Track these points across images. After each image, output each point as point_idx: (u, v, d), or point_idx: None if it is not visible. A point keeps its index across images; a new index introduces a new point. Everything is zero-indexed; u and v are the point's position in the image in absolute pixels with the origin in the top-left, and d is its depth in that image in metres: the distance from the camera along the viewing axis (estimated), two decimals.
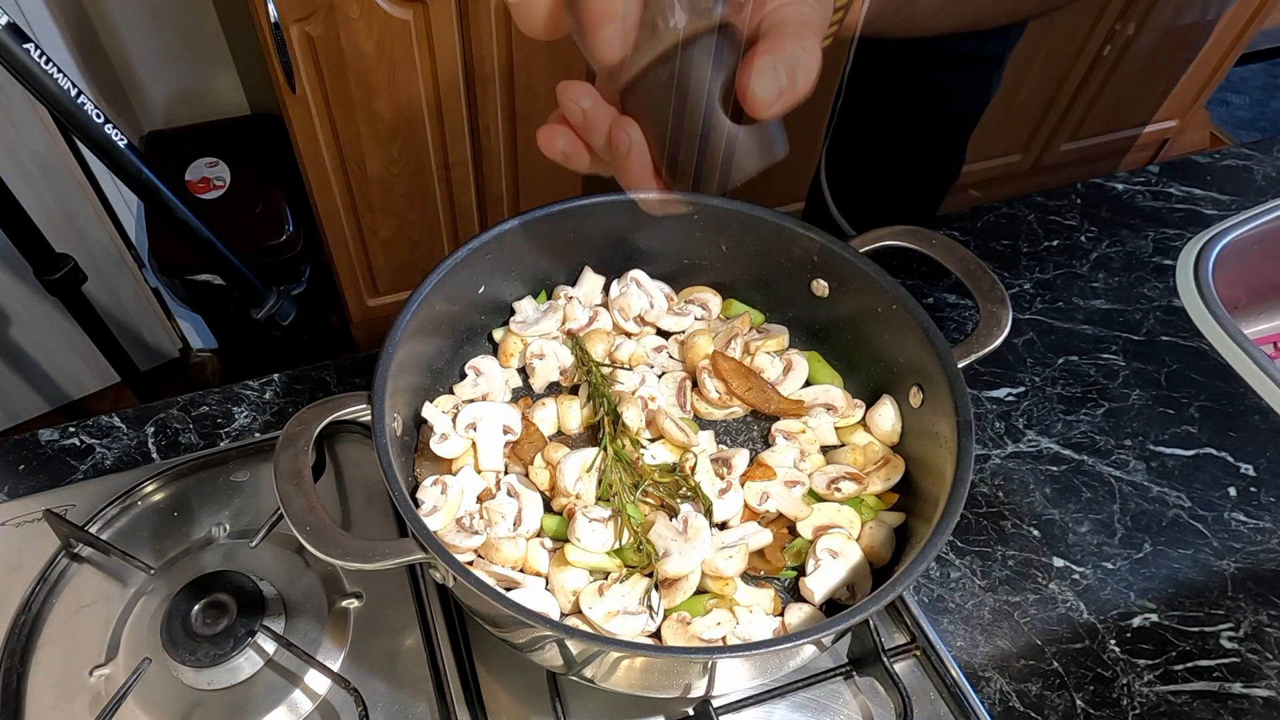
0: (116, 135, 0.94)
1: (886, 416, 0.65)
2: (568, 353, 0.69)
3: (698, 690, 0.56)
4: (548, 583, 0.58)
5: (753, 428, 0.68)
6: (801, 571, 0.59)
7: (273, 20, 1.37)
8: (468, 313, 0.69)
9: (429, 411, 0.63)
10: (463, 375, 0.68)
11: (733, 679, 0.57)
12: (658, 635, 0.56)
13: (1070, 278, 0.96)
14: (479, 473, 0.63)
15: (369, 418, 0.54)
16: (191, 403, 0.80)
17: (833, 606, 0.58)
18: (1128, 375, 0.87)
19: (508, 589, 0.55)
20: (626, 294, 0.72)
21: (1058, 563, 0.73)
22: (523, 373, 0.70)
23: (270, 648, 0.63)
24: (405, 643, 0.65)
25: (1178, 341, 0.90)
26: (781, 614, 0.58)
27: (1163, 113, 2.35)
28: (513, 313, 0.71)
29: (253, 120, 1.87)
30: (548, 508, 0.62)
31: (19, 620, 0.64)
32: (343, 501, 0.73)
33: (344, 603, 0.66)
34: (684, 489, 0.60)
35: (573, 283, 0.73)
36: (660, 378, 0.69)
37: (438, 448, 0.62)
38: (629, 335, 0.71)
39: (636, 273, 0.72)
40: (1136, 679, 0.67)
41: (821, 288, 0.68)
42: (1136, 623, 0.70)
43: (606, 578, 0.57)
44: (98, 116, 0.92)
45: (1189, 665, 0.68)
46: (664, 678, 0.54)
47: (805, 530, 0.60)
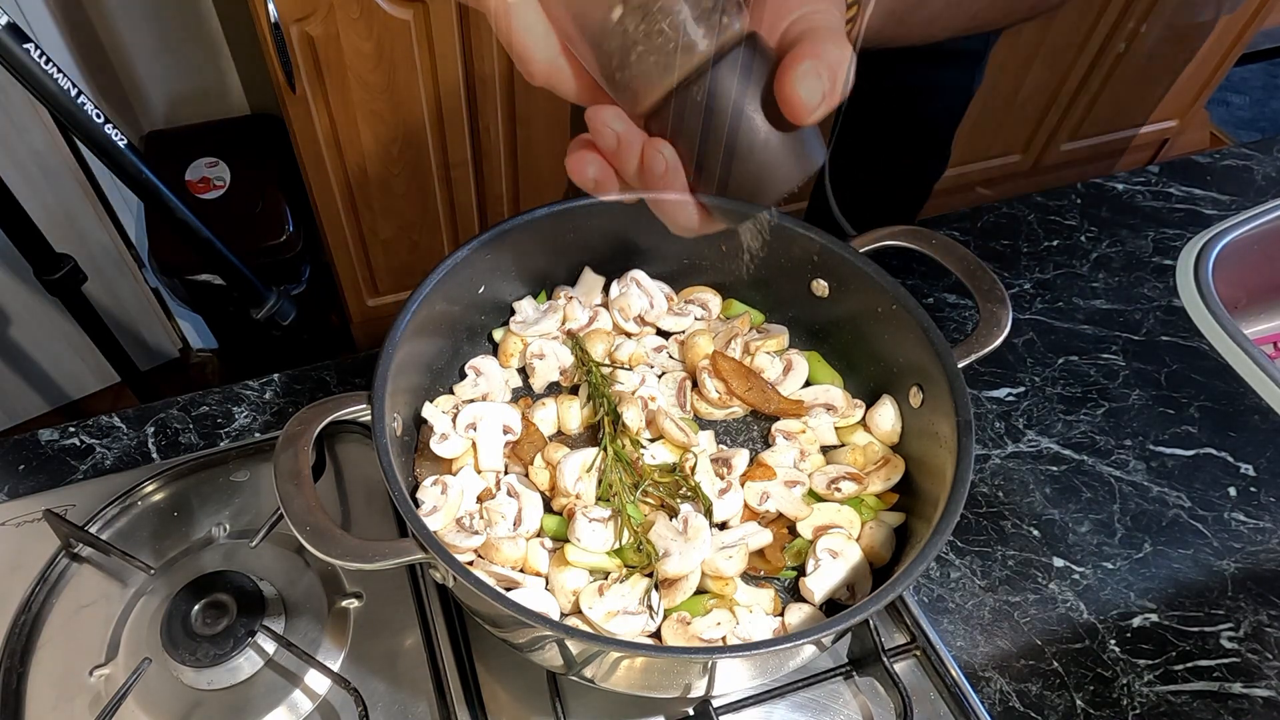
0: (116, 135, 0.95)
1: (886, 416, 0.65)
2: (568, 353, 0.69)
3: (698, 690, 0.56)
4: (548, 583, 0.58)
5: (753, 428, 0.68)
6: (801, 571, 0.59)
7: (273, 20, 1.37)
8: (468, 313, 0.69)
9: (429, 411, 0.63)
10: (463, 375, 0.68)
11: (733, 679, 0.57)
12: (658, 635, 0.56)
13: (1070, 278, 0.96)
14: (479, 473, 0.63)
15: (369, 418, 0.54)
16: (191, 403, 0.80)
17: (833, 606, 0.58)
18: (1128, 375, 0.87)
19: (508, 589, 0.55)
20: (626, 294, 0.72)
21: (1058, 563, 0.73)
22: (523, 373, 0.70)
23: (270, 648, 0.63)
24: (405, 643, 0.65)
25: (1178, 341, 0.90)
26: (781, 614, 0.58)
27: (1163, 113, 2.35)
28: (513, 313, 0.71)
29: (253, 120, 1.87)
30: (548, 508, 0.62)
31: (19, 620, 0.64)
32: (343, 501, 0.73)
33: (344, 603, 0.66)
34: (684, 489, 0.60)
35: (573, 283, 0.73)
36: (660, 378, 0.69)
37: (438, 448, 0.62)
38: (629, 335, 0.71)
39: (636, 273, 0.72)
40: (1136, 679, 0.67)
41: (821, 288, 0.68)
42: (1136, 623, 0.70)
43: (606, 578, 0.57)
44: (98, 116, 0.92)
45: (1189, 665, 0.68)
46: (664, 678, 0.54)
47: (805, 530, 0.60)
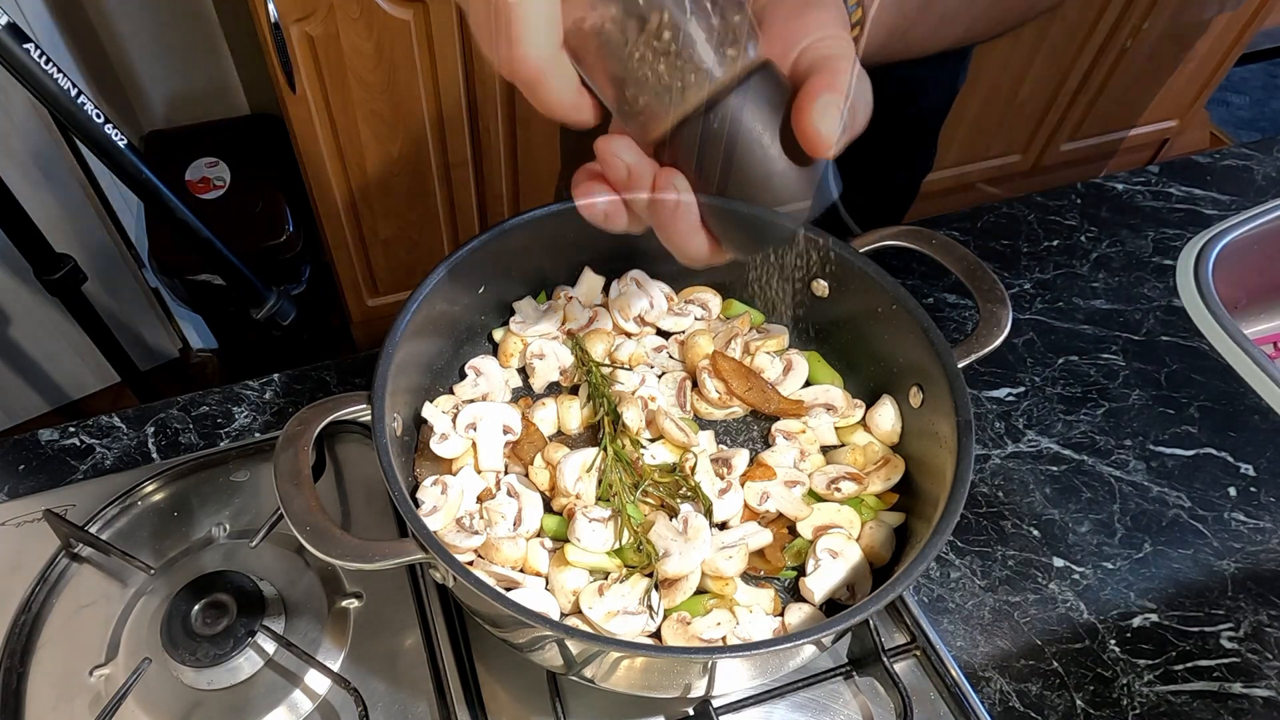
0: (116, 135, 0.95)
1: (886, 416, 0.65)
2: (568, 353, 0.69)
3: (698, 690, 0.56)
4: (548, 583, 0.58)
5: (753, 428, 0.68)
6: (801, 571, 0.59)
7: (273, 20, 1.37)
8: (468, 313, 0.69)
9: (429, 411, 0.63)
10: (463, 375, 0.68)
11: (733, 679, 0.57)
12: (658, 635, 0.55)
13: (1070, 278, 0.96)
14: (479, 473, 0.63)
15: (369, 418, 0.54)
16: (191, 403, 0.80)
17: (833, 606, 0.58)
18: (1128, 375, 0.87)
19: (508, 589, 0.55)
20: (626, 294, 0.71)
21: (1058, 563, 0.73)
22: (523, 373, 0.70)
23: (270, 648, 0.63)
24: (405, 643, 0.65)
25: (1178, 341, 0.90)
26: (781, 614, 0.58)
27: (1163, 113, 2.35)
28: (513, 313, 0.71)
29: (253, 120, 1.87)
30: (548, 508, 0.62)
31: (19, 620, 0.64)
32: (343, 501, 0.72)
33: (344, 603, 0.66)
34: (684, 489, 0.60)
35: (573, 283, 0.73)
36: (660, 378, 0.69)
37: (438, 448, 0.62)
38: (629, 335, 0.71)
39: (636, 273, 0.72)
40: (1136, 679, 0.67)
41: (821, 288, 0.68)
42: (1136, 623, 0.70)
43: (606, 578, 0.57)
44: (98, 116, 0.92)
45: (1189, 665, 0.68)
46: (664, 678, 0.54)
47: (805, 530, 0.60)
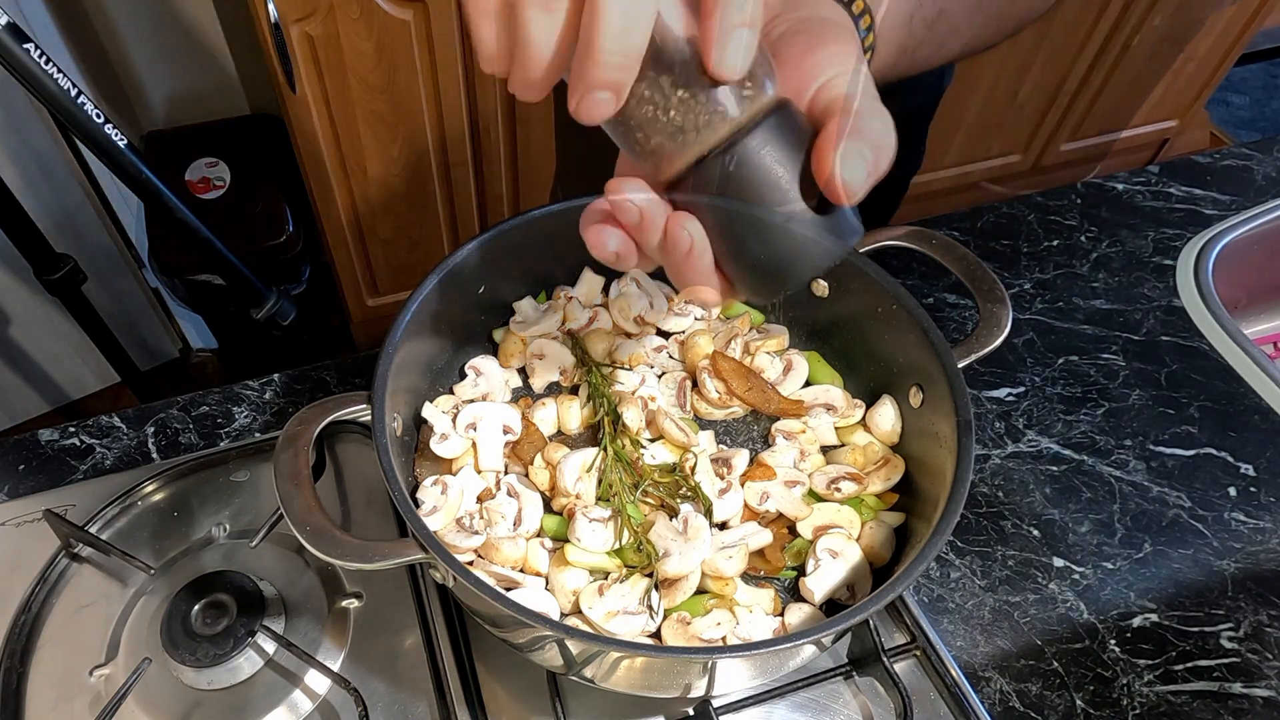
0: (116, 135, 0.95)
1: (886, 416, 0.65)
2: (568, 353, 0.69)
3: (698, 690, 0.56)
4: (548, 583, 0.58)
5: (753, 428, 0.68)
6: (801, 571, 0.59)
7: (273, 20, 1.37)
8: (468, 313, 0.68)
9: (429, 411, 0.63)
10: (463, 375, 0.68)
11: (733, 679, 0.57)
12: (658, 635, 0.55)
13: (1070, 278, 0.96)
14: (479, 473, 0.63)
15: (369, 418, 0.54)
16: (191, 403, 0.80)
17: (833, 606, 0.58)
18: (1128, 375, 0.87)
19: (508, 589, 0.55)
20: (626, 294, 0.71)
21: (1058, 563, 0.73)
22: (523, 373, 0.70)
23: (270, 648, 0.63)
24: (405, 643, 0.65)
25: (1178, 341, 0.90)
26: (781, 614, 0.58)
27: (1163, 113, 2.35)
28: (513, 313, 0.71)
29: (253, 120, 1.87)
30: (548, 508, 0.62)
31: (19, 620, 0.64)
32: (343, 501, 0.72)
33: (344, 603, 0.66)
34: (684, 489, 0.60)
35: (573, 283, 0.73)
36: (660, 378, 0.69)
37: (438, 448, 0.62)
38: (629, 335, 0.71)
39: (636, 273, 0.72)
40: (1136, 679, 0.67)
41: (821, 288, 0.68)
42: (1136, 623, 0.70)
43: (606, 578, 0.57)
44: (98, 116, 0.93)
45: (1189, 665, 0.68)
46: (664, 678, 0.54)
47: (805, 530, 0.60)
